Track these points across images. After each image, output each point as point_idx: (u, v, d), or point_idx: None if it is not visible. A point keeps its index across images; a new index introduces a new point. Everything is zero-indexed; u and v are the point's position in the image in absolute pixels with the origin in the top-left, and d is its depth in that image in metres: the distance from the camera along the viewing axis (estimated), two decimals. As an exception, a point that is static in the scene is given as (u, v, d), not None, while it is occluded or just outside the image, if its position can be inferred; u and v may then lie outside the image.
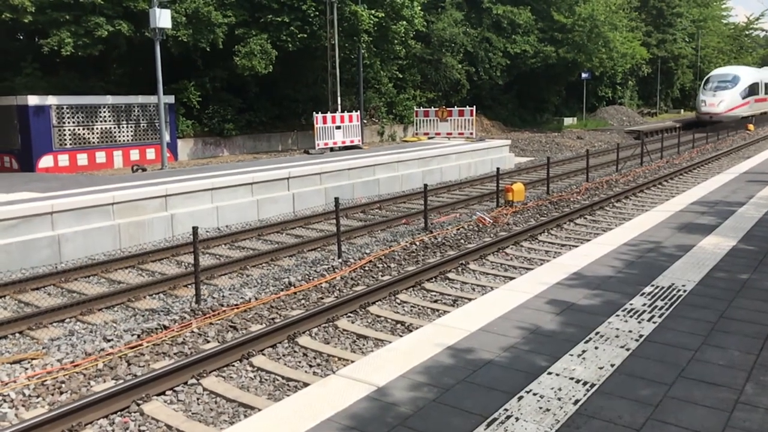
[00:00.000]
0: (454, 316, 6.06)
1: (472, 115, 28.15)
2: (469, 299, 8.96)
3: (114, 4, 21.25)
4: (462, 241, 12.57)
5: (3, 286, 9.78)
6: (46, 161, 20.37)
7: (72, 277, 10.50)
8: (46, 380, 6.57)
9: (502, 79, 40.83)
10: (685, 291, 6.59)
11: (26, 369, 6.93)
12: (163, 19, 19.38)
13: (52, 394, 6.38)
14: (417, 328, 7.87)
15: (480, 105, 37.30)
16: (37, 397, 6.32)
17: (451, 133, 28.55)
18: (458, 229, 13.34)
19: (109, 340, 7.66)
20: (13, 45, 23.46)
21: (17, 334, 8.17)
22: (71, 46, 20.33)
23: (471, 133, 28.12)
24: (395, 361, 4.94)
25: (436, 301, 9.30)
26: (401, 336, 7.65)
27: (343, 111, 26.72)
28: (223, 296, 9.32)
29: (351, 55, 30.03)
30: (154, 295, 9.65)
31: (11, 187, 14.63)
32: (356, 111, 27.39)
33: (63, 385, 6.52)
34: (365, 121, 31.25)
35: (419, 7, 30.70)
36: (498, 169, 17.26)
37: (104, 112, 21.90)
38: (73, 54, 20.63)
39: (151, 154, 23.21)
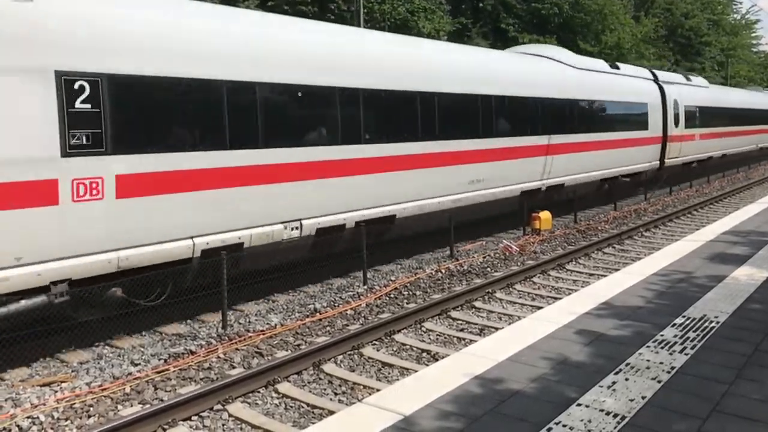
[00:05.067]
0: (481, 346, 6.00)
1: None
2: (496, 328, 8.87)
3: None
4: (488, 269, 12.48)
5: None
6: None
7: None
8: (74, 403, 6.63)
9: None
10: (718, 322, 6.45)
11: (55, 392, 7.00)
12: None
13: (81, 418, 6.43)
14: (443, 357, 7.80)
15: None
16: (66, 420, 6.38)
17: None
18: (484, 257, 13.26)
19: (136, 365, 7.72)
20: None
21: (47, 357, 8.26)
22: None
23: None
24: (422, 389, 4.90)
25: (462, 330, 9.22)
26: (427, 365, 7.59)
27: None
28: (249, 322, 9.35)
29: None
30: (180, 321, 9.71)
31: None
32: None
33: (91, 409, 6.57)
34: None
35: (445, 36, 30.97)
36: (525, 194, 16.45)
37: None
38: None
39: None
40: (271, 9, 22.73)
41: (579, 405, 4.60)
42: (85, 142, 7.64)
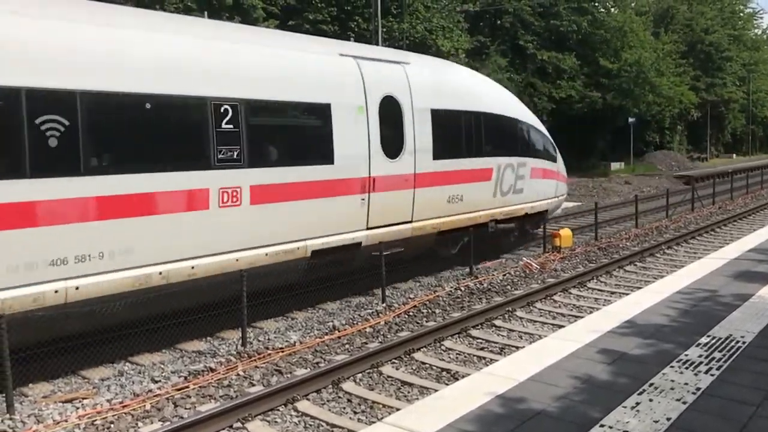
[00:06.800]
0: (502, 365, 5.95)
1: None
2: (517, 347, 8.78)
3: None
4: (508, 287, 12.39)
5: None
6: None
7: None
8: (95, 420, 6.67)
9: (546, 123, 40.81)
10: (744, 342, 6.34)
11: (77, 408, 7.05)
12: None
13: (101, 435, 6.46)
14: (463, 376, 7.73)
15: (525, 150, 37.13)
16: (87, 437, 6.41)
17: None
18: (504, 275, 13.18)
19: (156, 381, 7.75)
20: None
21: (69, 373, 8.32)
22: None
23: None
24: (442, 409, 4.86)
25: (482, 349, 9.14)
26: (447, 384, 7.53)
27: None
28: (268, 339, 9.37)
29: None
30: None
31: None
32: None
33: (112, 426, 6.59)
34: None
35: (464, 54, 31.10)
36: (546, 212, 16.83)
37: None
38: None
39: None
40: (292, 28, 23.00)
41: (602, 426, 4.53)
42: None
